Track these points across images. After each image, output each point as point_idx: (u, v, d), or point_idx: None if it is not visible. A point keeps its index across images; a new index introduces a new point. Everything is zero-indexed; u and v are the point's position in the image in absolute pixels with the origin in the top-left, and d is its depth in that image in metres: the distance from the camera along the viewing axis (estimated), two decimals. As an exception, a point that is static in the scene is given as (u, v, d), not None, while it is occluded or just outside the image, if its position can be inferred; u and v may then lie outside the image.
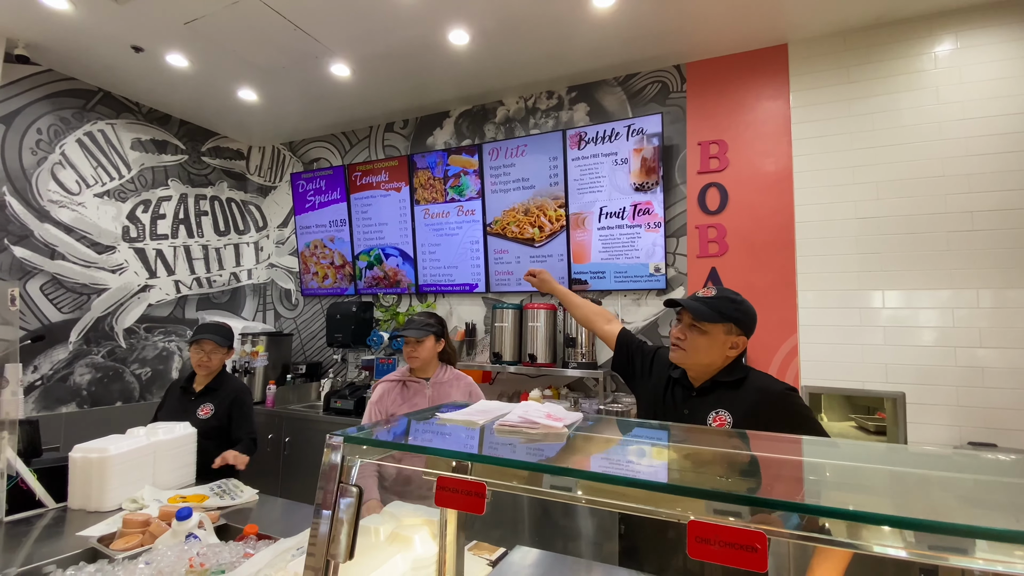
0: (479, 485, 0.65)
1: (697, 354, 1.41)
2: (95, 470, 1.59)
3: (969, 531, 0.47)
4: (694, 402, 1.41)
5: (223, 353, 2.27)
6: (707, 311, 1.39)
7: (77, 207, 3.42)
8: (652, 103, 3.17)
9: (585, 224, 3.16)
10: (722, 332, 1.38)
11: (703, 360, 1.41)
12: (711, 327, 1.38)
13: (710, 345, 1.39)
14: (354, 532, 0.70)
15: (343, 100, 3.69)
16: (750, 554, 0.44)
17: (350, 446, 0.82)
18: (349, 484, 0.74)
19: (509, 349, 3.11)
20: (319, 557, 0.68)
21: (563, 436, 0.84)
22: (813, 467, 0.78)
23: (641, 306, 3.10)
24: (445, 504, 0.67)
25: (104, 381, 3.53)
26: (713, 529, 0.47)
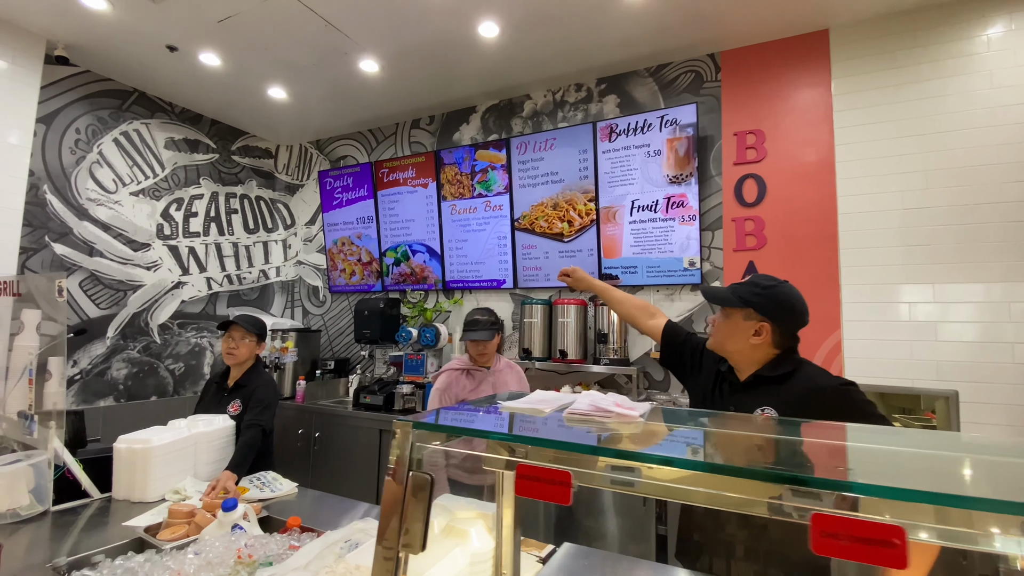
0: (564, 474, 0.62)
1: (721, 339, 1.39)
2: (139, 461, 1.60)
3: None
4: (740, 398, 1.35)
5: (252, 342, 2.25)
6: (722, 294, 1.39)
7: (114, 205, 3.49)
8: (685, 93, 3.10)
9: (616, 218, 3.11)
10: (740, 317, 1.34)
11: (727, 346, 1.38)
12: (731, 312, 1.36)
13: (731, 331, 1.36)
14: (426, 522, 0.67)
15: (370, 97, 3.69)
16: (887, 550, 0.40)
17: (419, 432, 0.79)
18: (421, 472, 0.71)
19: (539, 345, 3.07)
20: (392, 549, 0.65)
21: (639, 425, 0.80)
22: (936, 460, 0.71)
23: (675, 301, 3.03)
24: (527, 494, 0.63)
25: (139, 376, 3.59)
26: (843, 523, 0.42)
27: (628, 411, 0.81)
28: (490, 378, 2.30)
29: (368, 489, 3.17)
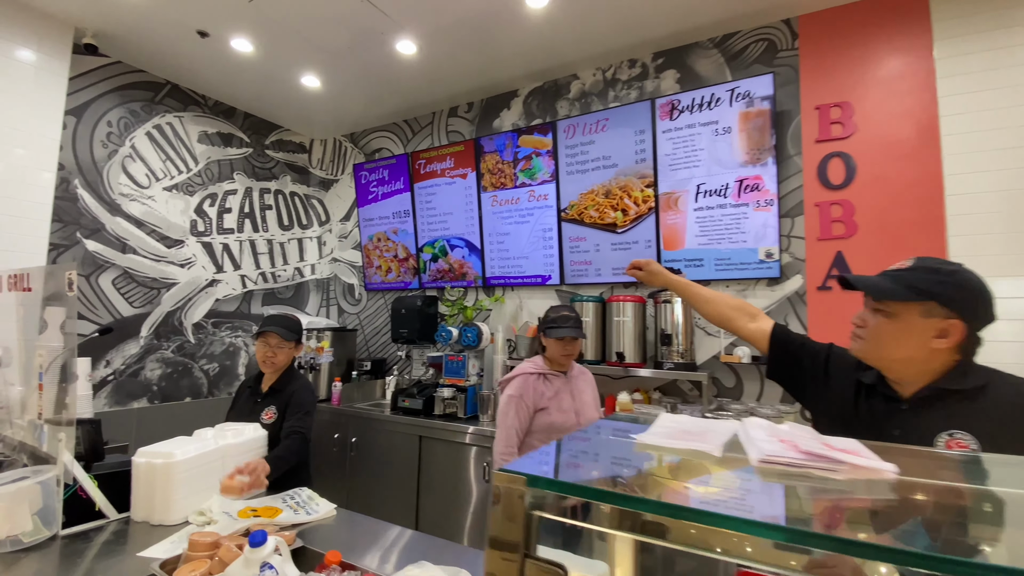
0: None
1: (882, 346, 1.06)
2: (159, 477, 1.41)
3: None
4: (907, 419, 1.04)
5: (290, 348, 2.06)
6: (891, 287, 1.03)
7: (147, 201, 3.38)
8: (756, 64, 2.76)
9: (678, 205, 2.79)
10: (917, 315, 1.00)
11: (894, 354, 1.05)
12: (899, 308, 1.02)
13: (901, 334, 1.03)
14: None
15: (406, 83, 3.48)
16: None
17: (535, 491, 0.50)
18: (546, 564, 0.45)
19: (591, 347, 2.79)
20: None
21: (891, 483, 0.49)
22: None
23: (747, 298, 2.70)
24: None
25: (173, 376, 3.48)
26: None
27: (868, 462, 0.51)
28: (568, 384, 2.05)
29: (407, 500, 2.96)
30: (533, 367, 2.05)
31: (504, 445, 1.94)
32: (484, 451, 2.75)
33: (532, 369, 2.04)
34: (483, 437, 2.74)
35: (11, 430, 1.81)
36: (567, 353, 2.01)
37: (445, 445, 2.89)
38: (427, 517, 2.90)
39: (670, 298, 2.61)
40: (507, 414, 1.96)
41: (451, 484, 2.84)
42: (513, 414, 1.94)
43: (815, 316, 2.54)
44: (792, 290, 2.60)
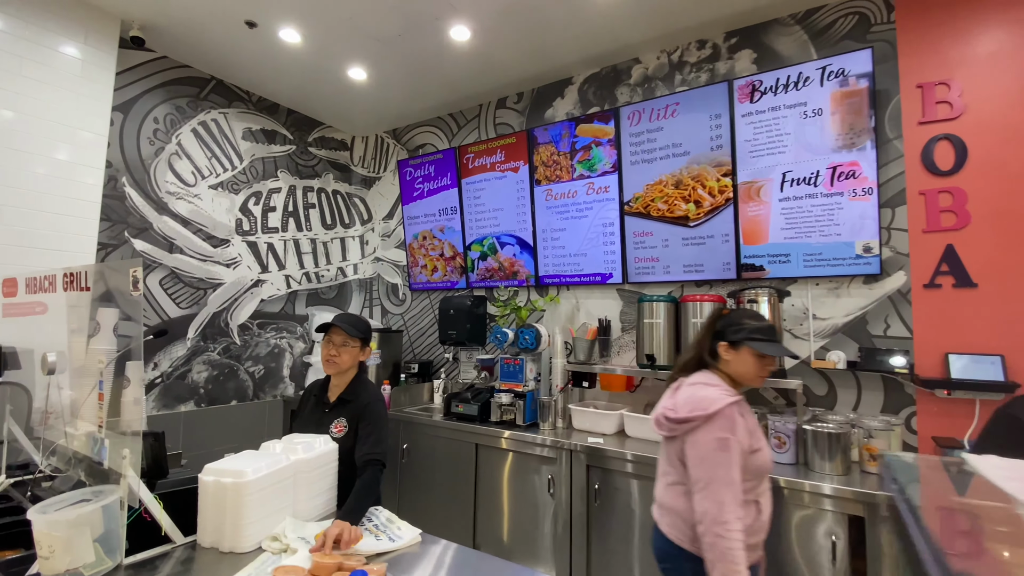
0: None
1: None
2: (230, 499, 1.26)
3: None
4: None
5: (356, 348, 1.90)
6: None
7: (193, 199, 3.30)
8: (846, 40, 2.51)
9: (761, 195, 2.56)
10: None
11: None
12: None
13: None
14: None
15: (455, 72, 3.32)
16: None
17: None
18: None
19: (664, 351, 2.57)
20: None
21: None
22: None
23: (840, 297, 2.45)
24: None
25: (220, 379, 3.39)
26: None
27: None
28: (746, 410, 1.56)
29: (463, 514, 2.79)
30: (731, 393, 1.50)
31: (731, 509, 1.35)
32: (548, 463, 2.56)
33: (732, 396, 1.49)
34: (547, 447, 2.55)
35: (64, 439, 1.70)
36: (764, 374, 1.56)
37: (504, 455, 2.71)
38: (486, 532, 2.72)
39: (756, 297, 2.38)
40: (722, 464, 1.39)
41: (512, 498, 2.66)
42: (733, 463, 1.40)
43: (921, 317, 2.27)
44: (894, 288, 2.34)
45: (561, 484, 2.49)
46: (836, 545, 1.89)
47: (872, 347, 2.34)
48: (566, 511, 2.46)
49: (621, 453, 2.35)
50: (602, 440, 2.52)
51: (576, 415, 2.75)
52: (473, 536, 2.75)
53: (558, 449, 2.51)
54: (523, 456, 2.65)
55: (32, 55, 2.52)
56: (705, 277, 2.73)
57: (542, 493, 2.57)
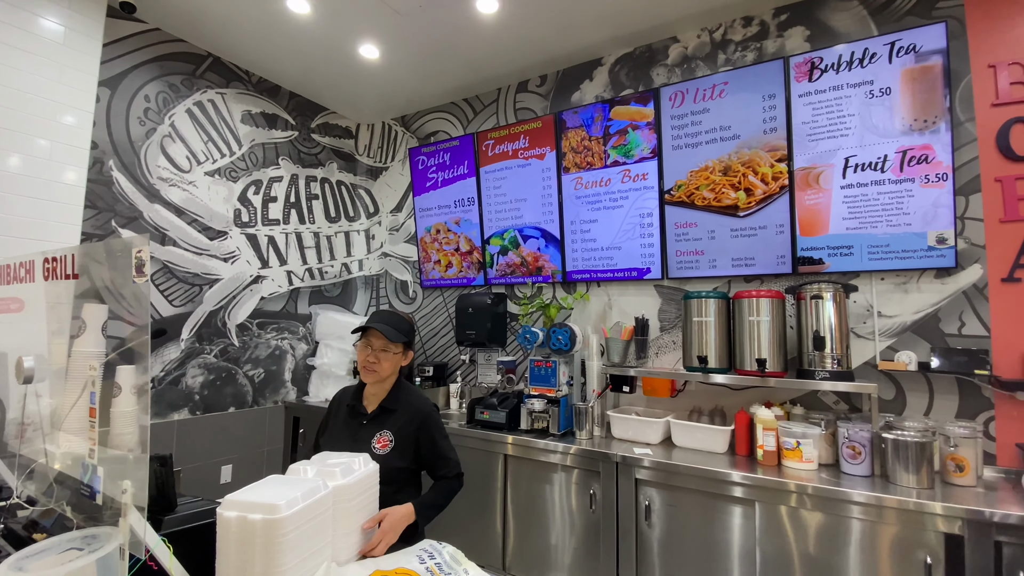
0: None
1: None
2: (260, 540, 1.00)
3: None
4: None
5: (397, 353, 1.65)
6: None
7: (188, 186, 3.00)
8: (910, 16, 2.31)
9: (820, 182, 2.35)
10: None
11: None
12: None
13: None
14: None
15: (475, 51, 3.07)
16: None
17: None
18: None
19: (715, 352, 2.35)
20: None
21: None
22: None
23: (909, 292, 2.25)
24: None
25: (217, 384, 3.10)
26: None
27: None
28: None
29: (490, 530, 2.54)
30: None
31: None
32: (587, 475, 2.32)
33: None
34: (586, 459, 2.32)
35: (45, 458, 1.41)
36: None
37: (538, 467, 2.47)
38: (519, 553, 2.47)
39: (819, 292, 2.17)
40: None
41: (548, 515, 2.41)
42: None
43: (1000, 313, 2.08)
44: (969, 282, 2.15)
45: (605, 500, 2.25)
46: (932, 568, 1.67)
47: (946, 347, 2.15)
48: (612, 531, 2.22)
49: (675, 466, 2.12)
50: (649, 450, 2.29)
51: (616, 423, 2.52)
52: (503, 558, 2.50)
53: (602, 460, 2.28)
54: (559, 468, 2.41)
55: (9, 19, 2.22)
56: (756, 272, 2.52)
57: (583, 510, 2.33)
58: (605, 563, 2.22)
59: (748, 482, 1.97)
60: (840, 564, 1.81)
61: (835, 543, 1.82)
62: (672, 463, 2.13)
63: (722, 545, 2.02)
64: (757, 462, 2.12)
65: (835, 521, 1.83)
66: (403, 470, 1.55)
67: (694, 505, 2.08)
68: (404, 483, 1.55)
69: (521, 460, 2.52)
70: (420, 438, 1.58)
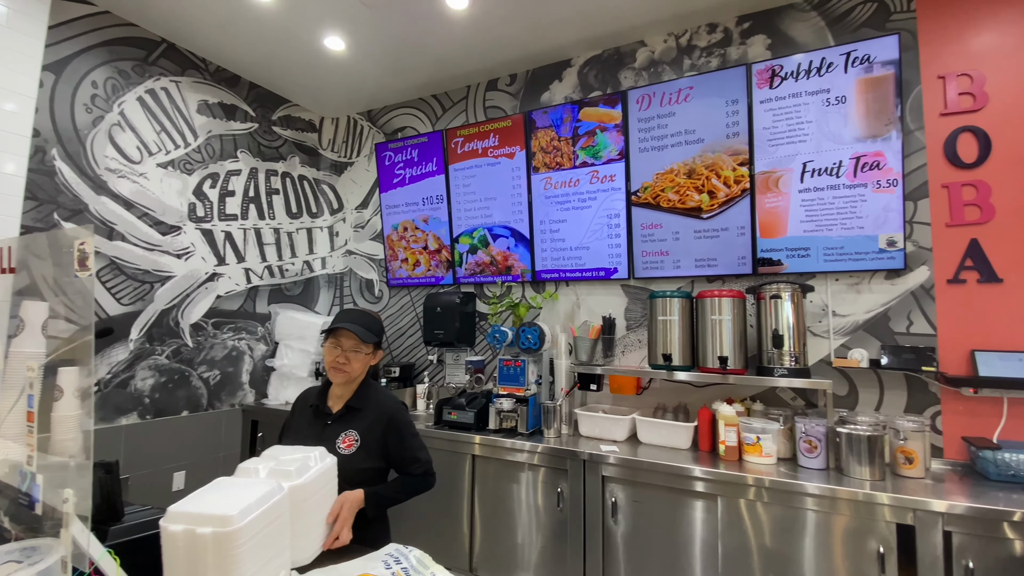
0: None
1: None
2: (211, 554, 0.94)
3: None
4: None
5: (367, 353, 1.62)
6: None
7: (138, 178, 2.85)
8: (864, 28, 2.42)
9: (779, 186, 2.43)
10: None
11: None
12: None
13: None
14: None
15: (444, 48, 3.03)
16: None
17: None
18: None
19: (679, 349, 2.40)
20: None
21: None
22: None
23: (861, 293, 2.35)
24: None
25: (169, 386, 2.95)
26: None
27: None
28: None
29: (456, 532, 2.51)
30: None
31: None
32: (555, 474, 2.32)
33: None
34: (554, 458, 2.32)
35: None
36: None
37: (505, 466, 2.45)
38: (485, 554, 2.46)
39: (778, 292, 2.24)
40: None
41: (516, 514, 2.40)
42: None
43: (945, 313, 2.20)
44: (917, 283, 2.26)
45: (572, 498, 2.26)
46: (885, 557, 1.75)
47: (896, 344, 2.25)
48: (579, 528, 2.23)
49: (640, 463, 2.14)
50: (615, 447, 2.31)
51: (583, 420, 2.54)
52: (470, 559, 2.48)
53: (569, 459, 2.29)
54: (527, 467, 2.40)
55: (-67, -9, 2.05)
56: (718, 272, 2.58)
57: (550, 508, 2.33)
58: (572, 561, 2.23)
59: (710, 477, 2.01)
60: (797, 555, 1.87)
61: (793, 535, 1.88)
62: (637, 459, 2.16)
63: (685, 539, 2.06)
64: (719, 457, 2.17)
65: (793, 513, 1.89)
66: (369, 470, 1.51)
67: (659, 501, 2.12)
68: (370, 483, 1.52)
69: (489, 460, 2.51)
70: (388, 438, 1.55)
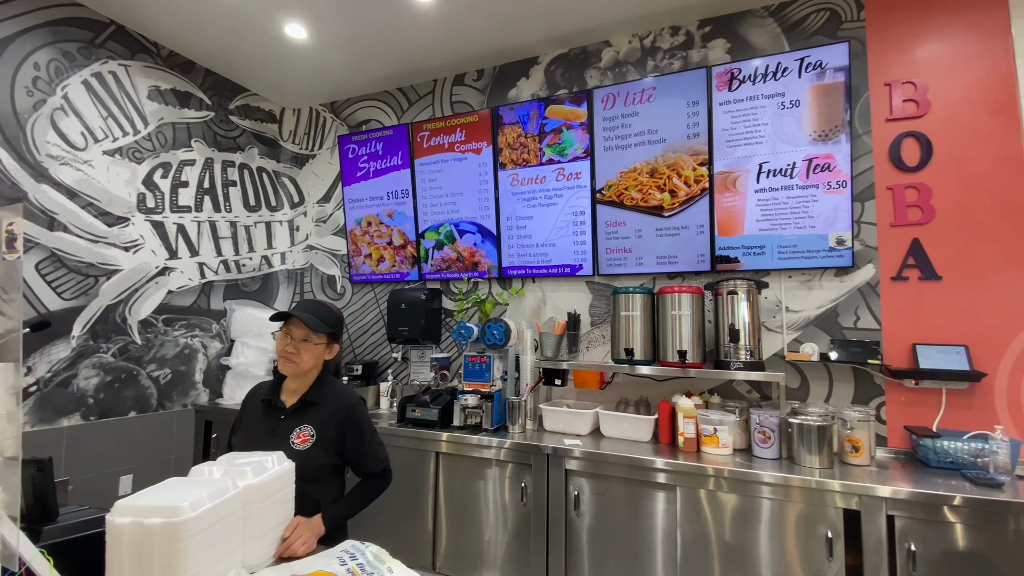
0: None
1: None
2: (159, 547, 0.90)
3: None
4: None
5: (320, 345, 1.57)
6: None
7: (82, 166, 2.70)
8: (817, 36, 2.52)
9: (737, 185, 2.51)
10: None
11: None
12: None
13: None
14: None
15: (409, 41, 3.00)
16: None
17: None
18: None
19: (641, 344, 2.44)
20: None
21: None
22: None
23: (813, 290, 2.45)
24: None
25: (115, 386, 2.80)
26: None
27: None
28: None
29: (420, 531, 2.48)
30: None
31: None
32: (520, 469, 2.33)
33: None
34: (518, 453, 2.32)
35: None
36: None
37: (470, 463, 2.44)
38: (449, 551, 2.44)
39: (735, 288, 2.31)
40: None
41: (480, 510, 2.39)
42: None
43: (889, 309, 2.32)
44: (863, 281, 2.37)
45: (536, 492, 2.27)
46: (833, 542, 1.83)
47: (844, 339, 2.36)
48: (542, 523, 2.24)
49: (603, 456, 2.17)
50: (579, 441, 2.34)
51: (548, 415, 2.55)
52: (434, 558, 2.45)
53: (533, 453, 2.29)
54: (492, 463, 2.40)
55: None
56: (678, 269, 2.64)
57: (514, 504, 2.33)
58: (535, 555, 2.24)
59: (670, 468, 2.06)
60: (752, 541, 1.93)
61: (748, 522, 1.94)
62: (600, 452, 2.18)
63: (646, 530, 2.09)
64: (678, 449, 2.22)
65: (748, 502, 1.95)
66: (325, 467, 1.48)
67: (620, 493, 2.15)
68: (326, 480, 1.49)
69: (454, 457, 2.49)
70: (346, 433, 1.52)
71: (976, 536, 1.67)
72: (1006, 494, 1.68)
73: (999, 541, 1.65)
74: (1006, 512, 1.64)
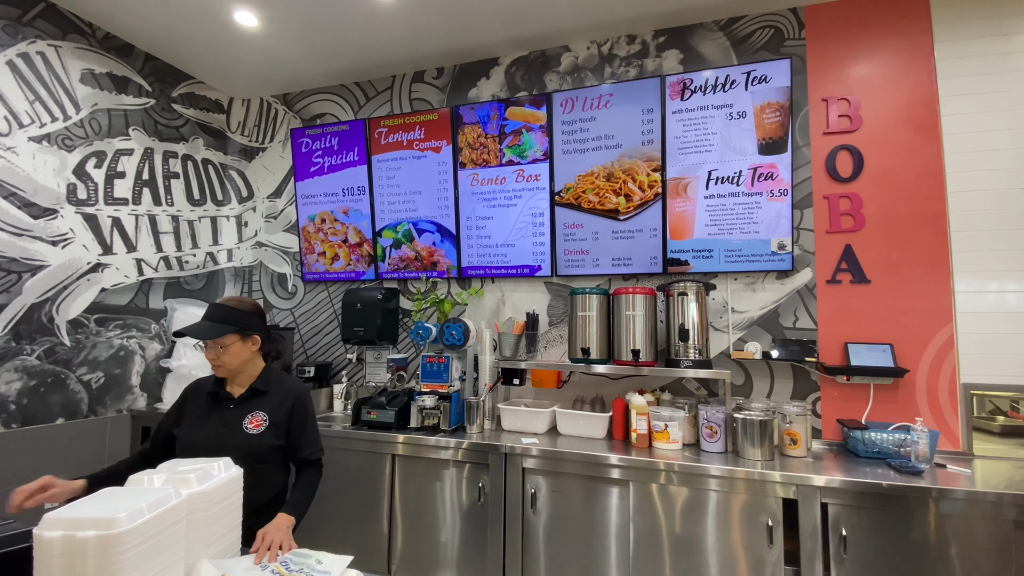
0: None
1: None
2: (92, 562, 0.84)
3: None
4: None
5: (235, 344, 1.54)
6: None
7: (5, 152, 2.48)
8: (763, 51, 2.66)
9: (688, 192, 2.61)
10: None
11: None
12: None
13: None
14: None
15: (368, 32, 2.94)
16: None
17: None
18: None
19: (596, 344, 2.50)
20: None
21: None
22: None
23: (756, 292, 2.58)
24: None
25: (40, 391, 2.60)
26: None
27: None
28: None
29: (375, 534, 2.44)
30: None
31: None
32: (477, 469, 2.33)
33: None
34: (476, 453, 2.33)
35: None
36: None
37: (427, 464, 2.42)
38: (406, 554, 2.40)
39: (685, 290, 2.41)
40: None
41: (437, 512, 2.38)
42: None
43: (825, 310, 2.48)
44: (802, 283, 2.52)
45: (493, 492, 2.28)
46: (773, 529, 1.93)
47: (784, 338, 2.50)
48: (499, 522, 2.25)
49: (559, 453, 2.21)
50: (536, 440, 2.36)
51: (506, 415, 2.57)
52: (389, 562, 2.41)
53: (491, 453, 2.30)
54: (450, 464, 2.38)
55: None
56: (633, 271, 2.72)
57: (472, 504, 2.33)
58: (492, 555, 2.25)
59: (623, 463, 2.12)
60: (700, 532, 2.01)
61: (696, 513, 2.03)
62: (556, 450, 2.22)
63: (600, 524, 2.14)
64: (631, 445, 2.29)
65: (696, 494, 2.03)
66: (277, 448, 1.57)
67: (576, 489, 2.19)
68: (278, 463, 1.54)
69: (410, 459, 2.46)
70: (293, 417, 1.60)
71: (900, 520, 1.82)
72: (926, 480, 1.84)
73: (921, 524, 1.80)
74: (927, 497, 1.79)
